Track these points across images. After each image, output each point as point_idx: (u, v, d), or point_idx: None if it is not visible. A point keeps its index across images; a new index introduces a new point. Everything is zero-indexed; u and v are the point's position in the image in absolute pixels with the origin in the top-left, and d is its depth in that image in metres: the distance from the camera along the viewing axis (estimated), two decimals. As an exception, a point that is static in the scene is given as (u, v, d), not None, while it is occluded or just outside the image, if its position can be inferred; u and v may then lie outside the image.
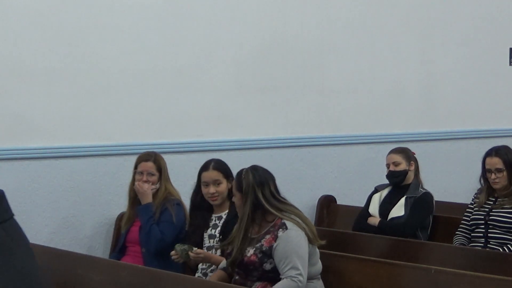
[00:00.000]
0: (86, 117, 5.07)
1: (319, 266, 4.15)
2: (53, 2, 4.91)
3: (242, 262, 4.07)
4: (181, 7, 5.42)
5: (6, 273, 0.96)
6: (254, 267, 4.02)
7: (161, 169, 4.85)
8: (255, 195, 4.07)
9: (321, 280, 4.16)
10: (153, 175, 4.83)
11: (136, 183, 4.84)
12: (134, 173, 4.89)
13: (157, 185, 4.84)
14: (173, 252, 4.43)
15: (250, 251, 4.05)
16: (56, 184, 4.97)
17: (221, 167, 4.66)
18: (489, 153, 5.03)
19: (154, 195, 4.84)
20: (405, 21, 6.57)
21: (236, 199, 4.17)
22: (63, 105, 4.99)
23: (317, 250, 4.14)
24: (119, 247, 4.89)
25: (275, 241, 3.99)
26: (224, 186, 4.61)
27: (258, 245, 4.04)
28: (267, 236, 4.04)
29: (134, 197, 4.90)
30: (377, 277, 4.11)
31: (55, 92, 4.94)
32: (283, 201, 4.16)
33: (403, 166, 5.31)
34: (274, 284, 3.98)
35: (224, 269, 4.29)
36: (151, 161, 4.85)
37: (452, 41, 6.87)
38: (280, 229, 4.01)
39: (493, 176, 4.93)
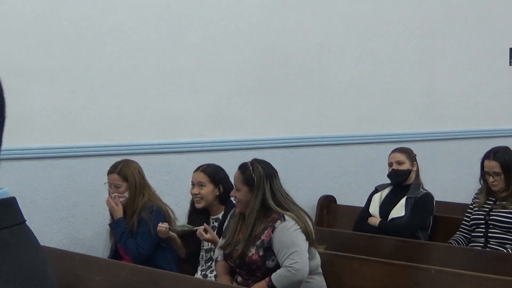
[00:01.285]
0: (86, 117, 5.07)
1: (317, 260, 4.10)
2: (53, 2, 4.91)
3: (244, 263, 4.03)
4: (182, 7, 5.42)
5: (6, 272, 0.95)
6: (257, 266, 3.99)
7: (127, 178, 4.69)
8: (264, 188, 4.03)
9: (322, 276, 4.13)
10: (119, 187, 4.70)
11: (107, 198, 4.78)
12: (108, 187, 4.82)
13: (126, 195, 4.70)
14: (161, 225, 4.42)
15: (252, 250, 4.02)
16: (56, 184, 4.97)
17: (210, 171, 4.64)
18: (487, 156, 5.02)
19: (129, 206, 4.71)
20: (405, 22, 6.57)
21: (241, 193, 4.08)
22: (63, 105, 4.99)
23: (313, 249, 4.11)
24: (111, 257, 4.83)
25: (273, 233, 3.97)
26: (207, 189, 4.59)
27: (258, 242, 4.01)
28: (266, 231, 4.00)
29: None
30: (377, 277, 4.11)
31: (55, 92, 4.94)
32: (287, 197, 4.14)
33: (406, 165, 5.31)
34: None
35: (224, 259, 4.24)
36: (115, 173, 4.71)
37: (452, 41, 6.87)
38: (278, 220, 3.99)
39: (491, 179, 4.93)
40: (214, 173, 4.63)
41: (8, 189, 1.06)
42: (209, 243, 4.57)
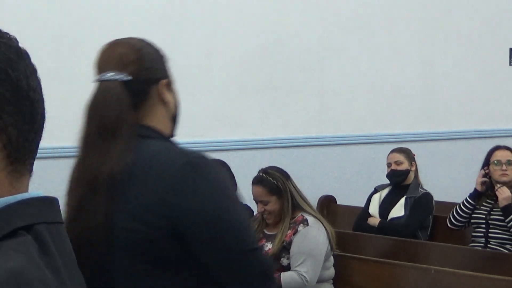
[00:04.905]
0: (86, 117, 5.06)
1: (332, 271, 4.15)
2: (53, 2, 4.91)
3: None
4: (182, 7, 5.42)
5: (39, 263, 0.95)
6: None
7: None
8: (290, 189, 4.10)
9: (332, 285, 4.16)
10: None
11: None
12: None
13: None
14: None
15: (268, 245, 4.06)
16: (56, 184, 4.95)
17: None
18: (498, 147, 5.01)
19: None
20: (405, 21, 6.57)
21: (271, 205, 4.09)
22: (63, 105, 4.98)
23: (332, 256, 4.14)
24: None
25: (294, 235, 4.00)
26: None
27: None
28: (288, 231, 4.03)
29: None
30: (377, 277, 4.11)
31: (55, 92, 4.94)
32: (304, 197, 4.21)
33: (405, 165, 5.30)
34: None
35: None
36: None
37: (452, 41, 6.87)
38: (301, 224, 4.02)
39: (504, 167, 4.88)
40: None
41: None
42: None
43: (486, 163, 4.99)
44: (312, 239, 3.98)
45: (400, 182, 5.31)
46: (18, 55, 1.07)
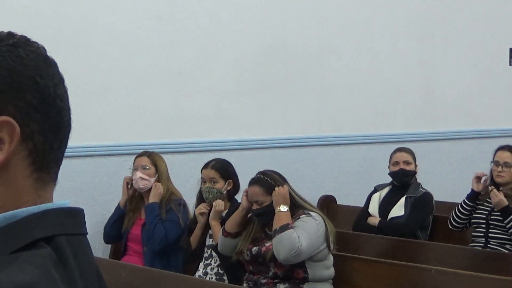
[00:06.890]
0: (86, 117, 5.06)
1: (331, 271, 4.16)
2: (53, 2, 4.92)
3: (260, 254, 4.07)
4: (182, 7, 5.42)
5: (56, 277, 0.94)
6: (271, 258, 4.01)
7: (156, 164, 4.84)
8: (288, 191, 4.12)
9: (332, 285, 4.16)
10: (147, 168, 4.82)
11: (134, 180, 4.85)
12: (132, 172, 4.91)
13: (152, 180, 4.81)
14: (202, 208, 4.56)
15: (269, 242, 4.07)
16: (56, 184, 4.97)
17: (220, 167, 4.68)
18: (501, 147, 5.06)
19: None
20: (405, 21, 6.57)
21: (268, 204, 4.11)
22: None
23: (331, 256, 4.15)
24: (123, 247, 4.90)
25: (295, 221, 4.02)
26: (219, 185, 4.63)
27: None
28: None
29: (137, 196, 4.92)
30: (377, 277, 4.12)
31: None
32: (304, 199, 4.25)
33: (412, 166, 5.30)
34: (294, 286, 4.00)
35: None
36: (146, 156, 4.87)
37: (452, 41, 6.87)
38: (303, 215, 4.06)
39: (499, 169, 4.91)
40: (225, 169, 4.70)
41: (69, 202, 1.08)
42: (210, 240, 4.60)
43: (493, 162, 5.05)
44: (313, 224, 4.01)
45: (407, 182, 5.29)
46: (46, 63, 1.08)
